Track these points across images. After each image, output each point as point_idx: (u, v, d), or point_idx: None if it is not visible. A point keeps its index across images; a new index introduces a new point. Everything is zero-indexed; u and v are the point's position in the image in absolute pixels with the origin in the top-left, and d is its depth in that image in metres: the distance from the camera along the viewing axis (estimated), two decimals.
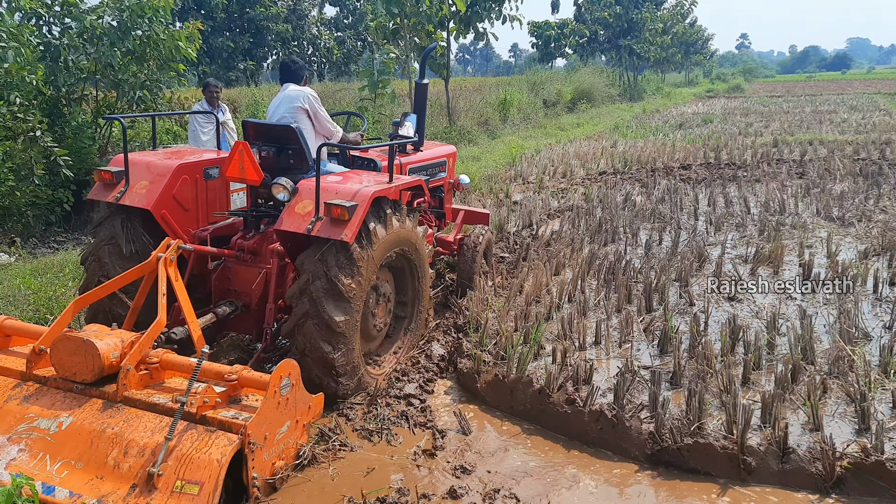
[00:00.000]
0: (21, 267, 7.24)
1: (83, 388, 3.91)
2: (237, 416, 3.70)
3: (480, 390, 4.98)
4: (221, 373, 3.92)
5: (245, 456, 3.58)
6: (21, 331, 4.42)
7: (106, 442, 3.64)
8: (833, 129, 20.54)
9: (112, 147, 9.79)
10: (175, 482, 3.41)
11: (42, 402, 3.89)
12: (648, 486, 3.98)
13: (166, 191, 5.01)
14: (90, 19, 8.79)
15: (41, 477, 3.54)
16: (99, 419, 3.74)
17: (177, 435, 3.56)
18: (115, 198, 4.96)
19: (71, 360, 3.88)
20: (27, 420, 3.81)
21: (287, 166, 5.24)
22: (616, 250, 8.21)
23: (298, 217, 4.54)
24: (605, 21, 41.37)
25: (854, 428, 4.35)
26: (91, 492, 3.46)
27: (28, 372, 4.04)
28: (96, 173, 5.10)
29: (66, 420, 3.76)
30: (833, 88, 49.89)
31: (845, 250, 8.07)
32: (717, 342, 5.48)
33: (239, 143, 4.88)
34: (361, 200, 4.50)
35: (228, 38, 27.10)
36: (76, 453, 3.64)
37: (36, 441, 3.70)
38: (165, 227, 5.07)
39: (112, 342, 3.95)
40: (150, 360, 4.03)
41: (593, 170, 14.57)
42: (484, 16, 17.18)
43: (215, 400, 3.77)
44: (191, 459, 3.47)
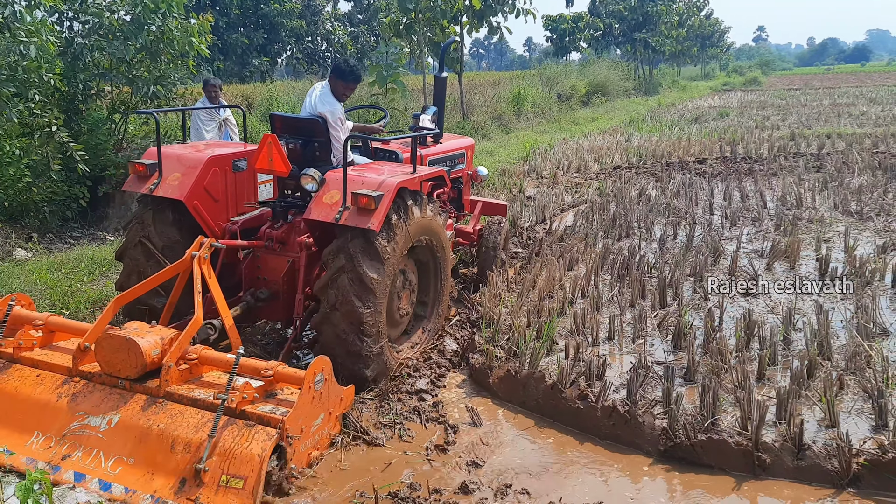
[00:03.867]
0: (38, 262, 7.31)
1: (127, 384, 4.06)
2: (274, 410, 3.84)
3: (493, 385, 4.98)
4: (258, 368, 4.04)
5: (284, 448, 3.71)
6: (64, 327, 4.57)
7: (154, 438, 3.79)
8: (851, 122, 20.30)
9: (127, 143, 9.85)
10: (220, 477, 3.57)
11: (91, 400, 4.04)
12: (662, 481, 3.95)
13: (198, 182, 5.16)
14: (108, 16, 8.83)
15: (97, 474, 3.70)
16: (145, 416, 3.90)
17: (219, 430, 3.71)
18: (149, 189, 5.12)
19: (115, 357, 4.03)
20: (78, 418, 3.96)
21: (313, 158, 5.36)
22: (630, 245, 8.16)
23: (326, 207, 4.67)
24: (620, 14, 41.12)
25: (871, 424, 4.29)
26: (144, 487, 3.62)
27: (74, 368, 4.18)
28: (130, 166, 5.27)
29: (115, 417, 3.92)
30: (852, 81, 49.30)
31: (863, 245, 7.97)
32: (731, 337, 5.43)
33: (267, 135, 5.01)
34: (387, 190, 4.62)
35: (243, 34, 27.17)
36: (127, 450, 3.79)
37: (90, 439, 3.86)
38: (197, 217, 5.22)
39: (153, 339, 4.09)
40: (190, 356, 4.17)
41: (608, 164, 14.50)
42: (498, 10, 17.12)
43: (253, 395, 3.91)
44: (234, 455, 3.62)
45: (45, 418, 4.02)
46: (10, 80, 7.64)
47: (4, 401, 4.13)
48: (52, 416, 4.01)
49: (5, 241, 7.91)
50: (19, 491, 3.13)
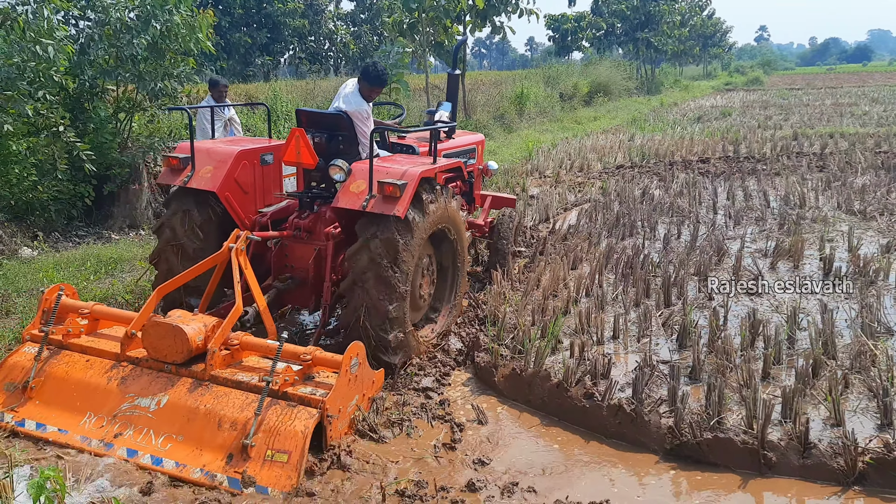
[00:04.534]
0: (44, 261, 7.33)
1: (173, 368, 4.35)
2: (314, 391, 4.14)
3: (498, 384, 4.99)
4: (297, 353, 4.31)
5: (324, 427, 4.01)
6: (108, 315, 4.87)
7: (201, 417, 4.08)
8: (854, 122, 20.30)
9: (132, 142, 9.86)
10: (266, 452, 3.87)
11: (140, 383, 4.33)
12: (668, 480, 3.97)
13: (229, 174, 5.41)
14: (115, 13, 8.83)
15: (149, 450, 4.00)
16: (192, 397, 4.19)
17: (263, 409, 4.00)
18: (183, 181, 5.37)
19: (161, 344, 4.31)
20: (128, 399, 4.25)
21: (337, 152, 5.55)
22: (634, 244, 8.17)
23: (353, 195, 4.90)
24: (623, 14, 41.07)
25: (876, 423, 4.31)
26: (194, 462, 3.91)
27: (122, 354, 4.48)
28: (164, 160, 5.55)
29: (163, 399, 4.21)
30: (854, 81, 49.25)
31: (867, 244, 7.98)
32: (736, 336, 5.44)
33: (295, 129, 5.23)
34: (410, 179, 4.87)
35: (246, 33, 27.18)
36: (176, 428, 4.08)
37: (139, 418, 4.15)
38: (228, 207, 5.48)
39: (197, 326, 4.38)
40: (231, 342, 4.45)
41: (610, 163, 14.51)
42: (500, 9, 17.13)
43: (293, 378, 4.20)
44: (278, 431, 3.92)
45: (96, 400, 4.30)
46: (21, 79, 7.65)
47: (56, 384, 4.41)
48: (103, 397, 4.29)
49: (11, 240, 7.93)
50: (31, 488, 3.14)
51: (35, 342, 4.64)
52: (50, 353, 4.56)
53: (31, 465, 3.90)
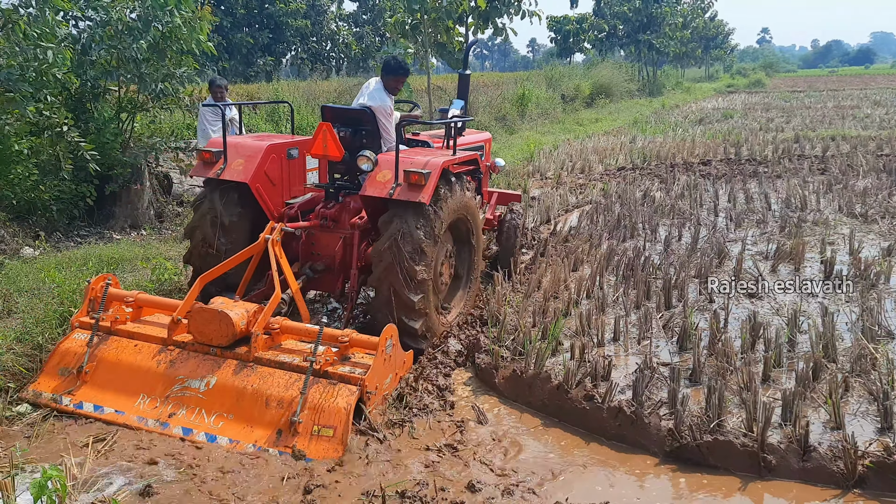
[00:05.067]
0: (46, 260, 7.34)
1: (218, 352, 4.64)
2: (353, 370, 4.46)
3: (499, 385, 5.00)
4: (335, 336, 4.60)
5: (364, 402, 4.34)
6: (151, 303, 5.18)
7: (249, 397, 4.38)
8: (856, 125, 20.28)
9: (134, 142, 9.87)
10: (312, 427, 4.19)
11: (188, 366, 4.62)
12: (668, 482, 3.97)
13: (259, 167, 5.70)
14: (116, 14, 8.84)
15: (202, 428, 4.30)
16: (239, 378, 4.49)
17: (307, 388, 4.29)
18: (216, 174, 5.65)
19: (207, 328, 4.62)
20: (179, 381, 4.54)
21: (361, 145, 5.82)
22: (635, 246, 8.17)
23: (380, 184, 5.20)
24: (625, 16, 41.06)
25: (876, 426, 4.31)
26: (246, 438, 4.22)
27: (169, 339, 4.77)
28: (198, 153, 5.85)
29: (212, 380, 4.51)
30: (856, 83, 49.24)
31: (868, 247, 7.98)
32: (737, 339, 5.44)
33: (323, 124, 5.56)
34: (434, 168, 5.17)
35: (248, 33, 27.22)
36: (226, 407, 4.38)
37: (191, 399, 4.45)
38: (258, 198, 5.75)
39: (240, 312, 4.68)
40: (272, 326, 4.74)
41: (612, 165, 14.51)
42: (503, 11, 17.09)
43: (333, 359, 4.52)
44: (322, 408, 4.24)
45: (147, 382, 4.59)
46: (23, 80, 7.67)
47: (109, 368, 4.69)
48: (154, 380, 4.59)
49: (13, 239, 7.94)
50: (33, 488, 3.15)
51: (83, 329, 4.92)
52: (100, 340, 4.84)
53: (32, 464, 3.91)
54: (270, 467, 3.99)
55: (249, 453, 4.11)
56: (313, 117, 14.95)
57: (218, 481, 3.85)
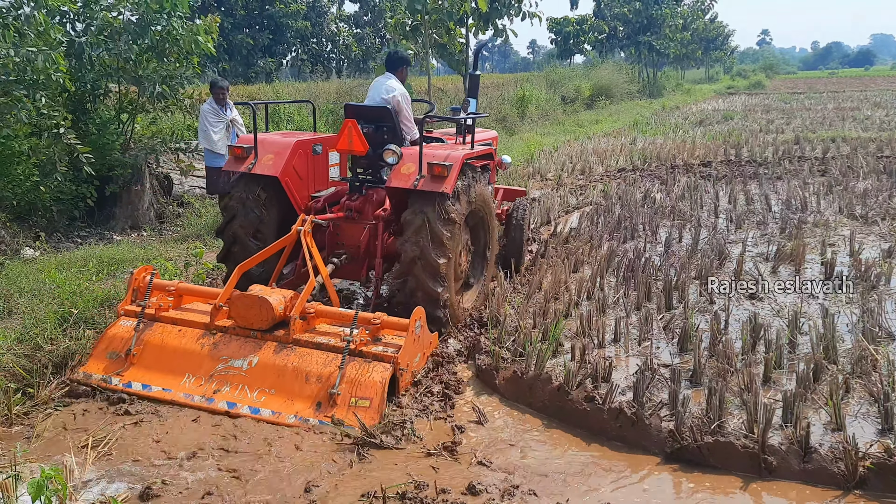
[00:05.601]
0: (46, 261, 7.34)
1: (258, 335, 5.00)
2: (385, 349, 4.82)
3: (499, 386, 5.00)
4: (368, 318, 4.97)
5: (396, 378, 4.74)
6: (190, 291, 5.58)
7: (289, 374, 4.75)
8: (856, 126, 20.28)
9: (134, 143, 9.88)
10: (350, 399, 4.55)
11: (230, 347, 4.99)
12: (669, 483, 3.97)
13: (288, 162, 6.01)
14: (105, 15, 8.84)
15: (246, 402, 4.65)
16: (279, 357, 4.86)
17: (345, 365, 4.66)
18: (248, 168, 5.94)
19: (248, 313, 4.97)
20: (222, 361, 4.91)
21: (382, 141, 6.12)
22: (635, 248, 8.17)
23: (404, 176, 5.52)
24: (625, 17, 41.08)
25: (877, 428, 4.30)
26: (287, 410, 4.57)
27: (211, 323, 5.12)
28: (230, 149, 6.13)
29: (254, 359, 4.88)
30: (856, 85, 49.26)
31: (868, 248, 7.98)
32: (737, 341, 5.44)
33: (348, 121, 5.88)
34: (455, 161, 5.49)
35: (248, 34, 27.23)
36: (268, 383, 4.74)
37: (234, 377, 4.81)
38: (287, 191, 6.08)
39: (278, 297, 5.02)
40: (308, 311, 5.11)
41: (612, 167, 14.51)
42: (503, 12, 17.11)
43: (366, 339, 4.89)
44: (359, 382, 4.61)
45: (192, 363, 4.94)
46: (18, 82, 7.67)
47: (155, 351, 5.05)
48: (199, 360, 4.94)
49: (13, 240, 7.94)
50: (31, 488, 3.15)
51: (128, 316, 5.30)
52: (144, 326, 5.19)
53: (33, 463, 3.91)
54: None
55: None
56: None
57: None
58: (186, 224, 9.36)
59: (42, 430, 4.42)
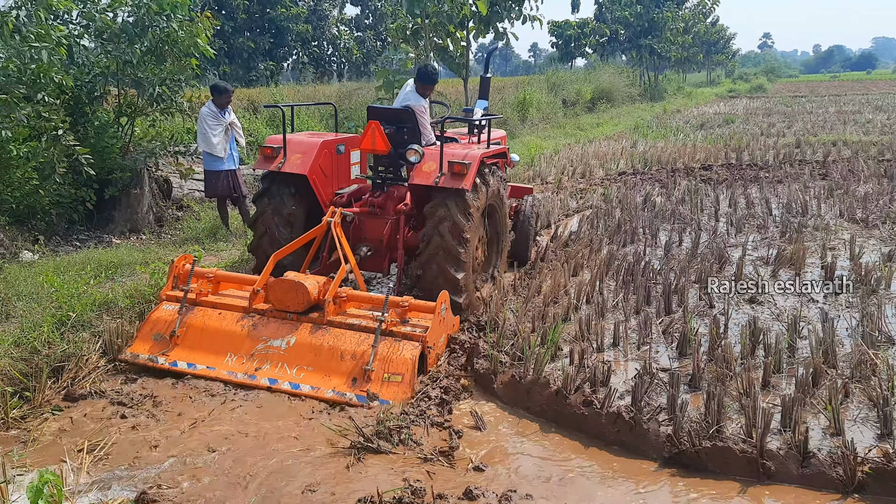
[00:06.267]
0: (44, 265, 7.33)
1: (294, 317, 5.40)
2: (414, 329, 5.20)
3: (497, 390, 4.98)
4: (397, 302, 5.33)
5: (425, 355, 5.13)
6: (227, 278, 5.98)
7: (325, 352, 5.14)
8: (857, 130, 20.26)
9: (134, 146, 9.87)
10: (383, 375, 4.93)
11: (269, 328, 5.38)
12: (666, 488, 3.95)
13: (315, 161, 6.40)
14: (101, 16, 8.84)
15: (286, 378, 5.04)
16: (315, 337, 5.25)
17: (378, 343, 5.04)
18: (277, 167, 6.32)
19: (285, 297, 5.38)
20: (262, 341, 5.30)
21: (403, 141, 6.49)
22: (635, 251, 8.16)
23: (426, 174, 5.89)
24: (626, 20, 41.09)
25: (876, 433, 4.28)
26: (325, 385, 4.95)
27: (249, 307, 5.52)
28: (260, 149, 6.53)
29: (291, 339, 5.27)
30: (858, 88, 49.21)
31: (869, 252, 7.96)
32: (737, 345, 5.42)
33: (372, 122, 6.26)
34: (473, 159, 5.85)
35: (249, 38, 27.26)
36: (306, 361, 5.13)
37: (274, 355, 5.20)
38: (314, 188, 6.48)
39: (312, 283, 5.43)
40: (340, 295, 5.48)
41: (613, 170, 14.50)
42: (504, 16, 17.10)
43: (396, 320, 5.27)
44: (391, 359, 5.00)
45: (233, 343, 5.33)
46: (19, 82, 7.67)
47: (197, 333, 5.43)
48: (239, 341, 5.33)
49: (12, 244, 7.93)
50: (29, 492, 3.13)
51: (170, 301, 5.68)
52: (186, 310, 5.54)
53: (30, 468, 3.90)
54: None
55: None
56: (312, 122, 14.97)
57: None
58: (185, 227, 9.35)
59: (39, 434, 4.41)
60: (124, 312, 6.01)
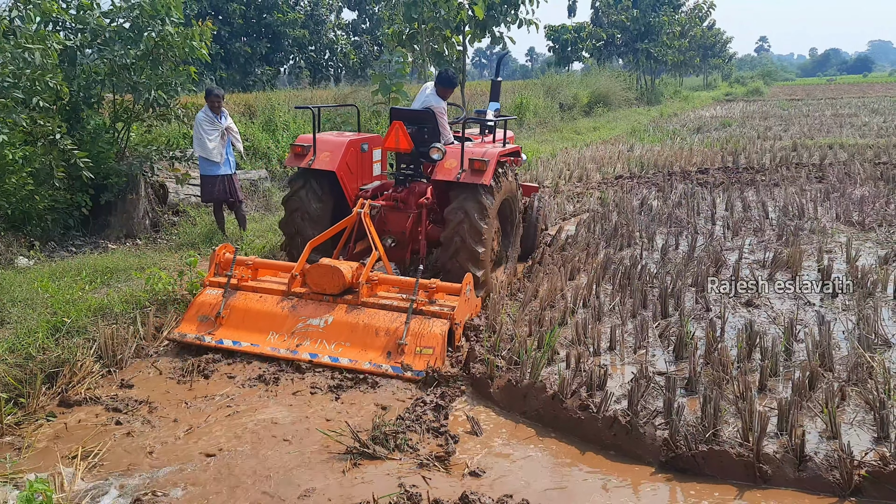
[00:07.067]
0: (40, 270, 7.31)
1: (331, 299, 5.87)
2: (441, 308, 5.67)
3: (493, 395, 4.96)
4: (425, 284, 5.79)
5: (453, 331, 5.60)
6: (265, 265, 6.44)
7: (361, 329, 5.60)
8: (854, 133, 20.31)
9: (129, 151, 9.86)
10: (415, 348, 5.39)
11: (307, 309, 5.85)
12: (663, 492, 3.93)
13: (343, 158, 6.91)
14: (98, 20, 8.83)
15: (326, 352, 5.48)
16: (351, 316, 5.71)
17: (410, 321, 5.52)
18: (308, 164, 6.83)
19: (322, 280, 5.85)
20: (302, 320, 5.76)
21: (423, 140, 6.99)
22: (632, 255, 8.16)
23: (448, 170, 6.39)
24: (623, 24, 41.17)
25: (873, 436, 4.28)
26: (362, 358, 5.40)
27: (288, 290, 6.00)
28: (291, 147, 7.00)
29: (329, 318, 5.73)
30: (854, 92, 49.34)
31: (865, 255, 7.96)
32: (733, 348, 5.42)
33: (396, 122, 6.79)
34: (492, 157, 6.36)
35: (246, 43, 27.25)
36: (343, 338, 5.58)
37: (313, 333, 5.65)
38: (342, 184, 6.98)
39: (346, 267, 5.89)
40: (372, 278, 5.95)
41: (609, 174, 14.51)
42: (500, 20, 17.15)
43: (425, 301, 5.75)
44: (422, 334, 5.48)
45: (274, 323, 5.78)
46: (15, 87, 7.65)
47: (240, 314, 5.89)
48: (280, 321, 5.78)
49: (7, 249, 7.91)
50: (20, 500, 3.12)
51: (213, 286, 6.13)
52: (228, 294, 5.99)
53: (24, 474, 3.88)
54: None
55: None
56: (308, 126, 14.97)
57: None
58: (181, 233, 9.33)
59: (33, 440, 4.39)
60: (120, 318, 6.00)
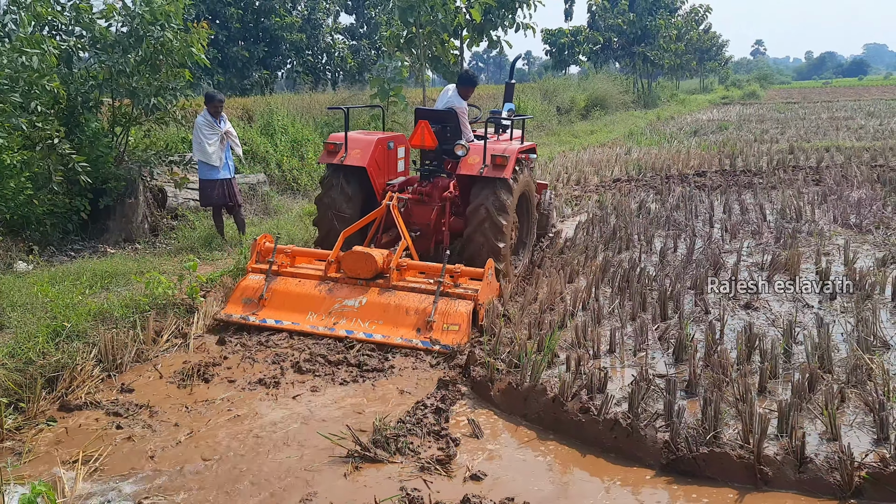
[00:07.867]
0: (39, 275, 7.30)
1: (364, 283, 6.41)
2: (466, 290, 6.20)
3: (494, 398, 4.97)
4: (450, 269, 6.31)
5: (476, 311, 6.08)
6: (302, 253, 7.02)
7: (392, 309, 6.16)
8: (850, 136, 20.37)
9: (128, 155, 9.85)
10: (443, 325, 5.94)
11: (343, 292, 6.42)
12: (664, 494, 3.94)
13: (372, 155, 7.37)
14: (99, 26, 8.83)
15: (361, 329, 6.03)
16: (383, 297, 6.28)
17: (437, 302, 6.04)
18: (340, 160, 7.29)
19: (356, 265, 6.39)
20: (338, 301, 6.32)
21: (446, 138, 7.50)
22: (630, 258, 8.17)
23: (471, 165, 6.87)
24: (619, 28, 41.24)
25: (872, 438, 4.29)
26: (394, 334, 5.97)
27: (325, 274, 6.56)
28: (325, 145, 7.50)
29: (363, 299, 6.29)
30: (850, 94, 49.48)
31: (863, 258, 7.99)
32: (732, 350, 5.43)
33: (421, 121, 7.33)
34: (511, 153, 6.85)
35: (243, 47, 27.24)
36: (376, 316, 6.13)
37: (348, 313, 6.22)
38: (371, 179, 7.45)
39: (378, 254, 6.39)
40: (402, 264, 6.52)
41: (607, 177, 14.54)
42: (498, 24, 17.17)
43: (451, 284, 6.28)
44: (448, 313, 6.02)
45: (313, 304, 6.35)
46: (12, 91, 7.65)
47: (281, 296, 6.45)
48: (318, 302, 6.35)
49: (6, 254, 7.89)
50: None
51: (255, 272, 6.70)
52: (269, 279, 6.54)
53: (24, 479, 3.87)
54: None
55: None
56: (306, 130, 14.99)
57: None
58: (181, 237, 9.33)
59: (34, 445, 4.38)
60: (119, 322, 5.99)
